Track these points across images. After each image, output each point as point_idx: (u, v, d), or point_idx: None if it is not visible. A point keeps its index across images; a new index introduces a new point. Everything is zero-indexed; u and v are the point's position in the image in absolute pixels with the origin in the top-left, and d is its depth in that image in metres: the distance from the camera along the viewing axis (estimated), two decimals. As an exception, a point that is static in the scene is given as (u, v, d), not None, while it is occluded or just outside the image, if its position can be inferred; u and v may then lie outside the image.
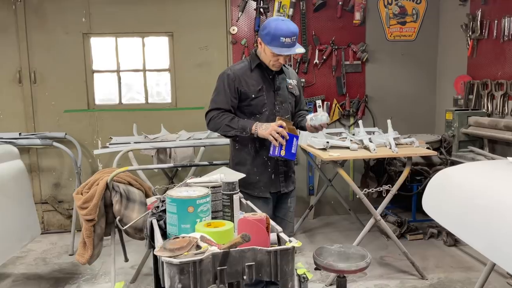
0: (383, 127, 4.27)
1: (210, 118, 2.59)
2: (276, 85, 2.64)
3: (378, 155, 3.29)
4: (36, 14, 4.44)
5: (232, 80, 2.59)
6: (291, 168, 2.77)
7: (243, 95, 2.59)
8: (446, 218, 2.36)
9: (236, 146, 2.69)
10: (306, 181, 4.98)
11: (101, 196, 2.97)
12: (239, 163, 2.68)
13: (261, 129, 2.49)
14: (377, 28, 4.87)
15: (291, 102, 2.72)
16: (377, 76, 4.94)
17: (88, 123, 4.63)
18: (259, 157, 2.63)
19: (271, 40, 2.47)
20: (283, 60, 2.54)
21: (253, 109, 2.60)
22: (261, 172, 2.65)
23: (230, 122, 2.53)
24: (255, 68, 2.62)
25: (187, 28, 4.62)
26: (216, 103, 2.59)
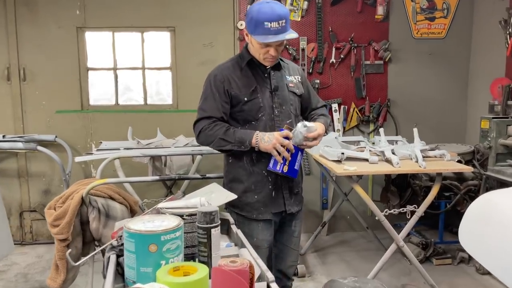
0: (407, 136, 3.75)
1: (200, 130, 2.15)
2: (273, 85, 2.19)
3: (402, 170, 2.79)
4: (27, 6, 4.08)
5: (220, 81, 2.15)
6: (298, 183, 2.31)
7: (234, 99, 2.14)
8: (489, 257, 1.87)
9: (229, 159, 2.24)
10: (319, 193, 4.49)
11: (76, 212, 2.55)
12: (234, 180, 2.23)
13: (263, 141, 2.05)
14: (402, 24, 4.36)
15: (293, 103, 2.26)
16: (401, 78, 4.42)
17: (81, 125, 4.25)
18: (256, 172, 2.18)
19: (254, 27, 2.03)
20: (275, 51, 2.08)
21: (247, 115, 2.16)
22: (260, 190, 2.19)
23: (225, 135, 2.09)
24: (246, 66, 2.18)
25: (190, 23, 4.20)
26: (205, 111, 2.16)
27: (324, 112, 2.39)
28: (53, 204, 2.65)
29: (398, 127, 4.45)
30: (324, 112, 2.39)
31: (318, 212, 4.52)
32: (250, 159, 2.17)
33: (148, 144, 3.51)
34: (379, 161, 2.95)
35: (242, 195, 2.20)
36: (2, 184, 4.24)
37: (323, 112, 2.39)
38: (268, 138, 2.05)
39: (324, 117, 2.34)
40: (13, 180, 4.25)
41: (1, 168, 4.22)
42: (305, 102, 2.37)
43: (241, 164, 2.19)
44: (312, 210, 4.53)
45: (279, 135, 2.04)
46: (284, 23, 2.02)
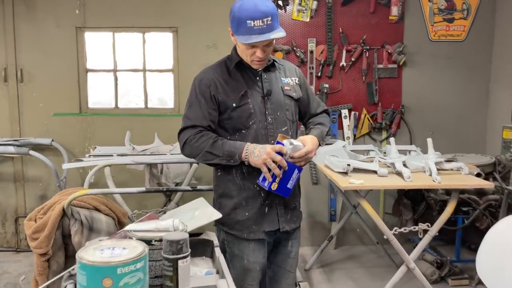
0: (422, 145, 3.48)
1: (185, 141, 1.92)
2: (265, 88, 1.96)
3: (413, 185, 2.53)
4: (25, 4, 3.94)
5: (206, 86, 1.93)
6: (294, 197, 2.07)
7: (222, 105, 1.92)
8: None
9: (218, 172, 2.02)
10: (327, 204, 4.24)
11: (56, 224, 2.36)
12: (223, 195, 2.01)
13: (253, 156, 1.82)
14: (418, 25, 4.09)
15: (289, 108, 2.02)
16: (416, 83, 4.14)
17: (79, 129, 4.09)
18: (247, 186, 1.95)
19: (237, 26, 1.80)
20: (262, 53, 1.84)
21: (236, 122, 1.93)
22: (251, 206, 1.96)
23: (212, 147, 1.86)
24: (235, 68, 1.96)
25: (193, 23, 4.01)
26: (190, 119, 1.93)
27: (322, 120, 2.14)
28: (33, 215, 2.47)
29: (413, 135, 4.17)
30: (322, 120, 2.14)
31: (326, 224, 4.27)
32: (240, 173, 1.94)
33: (144, 151, 3.32)
34: (389, 173, 2.70)
35: (231, 211, 1.98)
36: (-3, 189, 4.12)
37: (321, 120, 2.14)
38: (258, 152, 1.82)
39: (321, 126, 2.09)
40: (8, 184, 4.12)
41: (-3, 172, 4.10)
42: (304, 106, 2.14)
43: (231, 178, 1.97)
44: (319, 221, 4.28)
45: (271, 149, 1.81)
46: (270, 21, 1.78)
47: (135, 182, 3.92)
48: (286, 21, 4.00)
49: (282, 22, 3.99)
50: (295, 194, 2.07)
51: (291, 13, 3.99)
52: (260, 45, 1.83)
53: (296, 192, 2.09)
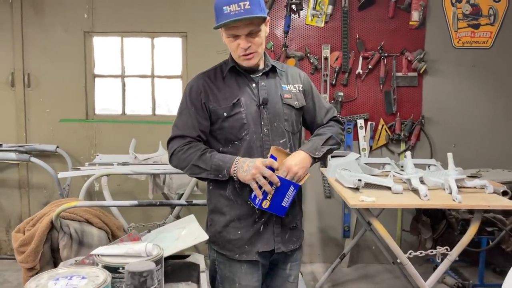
0: (442, 158, 3.21)
1: (173, 152, 1.77)
2: (261, 96, 1.78)
3: (430, 205, 2.30)
4: (33, 8, 3.88)
5: (197, 93, 1.77)
6: (294, 215, 1.87)
7: (213, 114, 1.76)
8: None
9: (210, 186, 1.85)
10: (340, 219, 4.01)
11: (43, 238, 2.23)
12: (215, 211, 1.84)
13: (242, 170, 1.65)
14: (441, 31, 3.85)
15: (288, 118, 1.83)
16: (438, 92, 3.89)
17: (85, 136, 3.99)
18: (240, 202, 1.77)
19: (216, 16, 1.67)
20: (245, 42, 1.67)
21: (228, 133, 1.76)
22: (244, 224, 1.78)
23: (200, 160, 1.71)
24: (229, 74, 1.79)
25: (203, 28, 3.87)
26: (179, 129, 1.78)
27: (322, 130, 1.92)
28: (22, 227, 2.34)
29: (433, 148, 3.91)
30: (322, 131, 1.91)
31: (339, 240, 4.04)
32: (232, 187, 1.77)
33: (146, 160, 3.18)
34: (404, 190, 2.48)
35: (223, 229, 1.80)
36: (2, 195, 4.06)
37: (321, 130, 1.92)
38: (247, 166, 1.64)
39: (317, 136, 1.88)
40: (13, 191, 4.04)
41: (3, 178, 4.02)
42: (310, 115, 1.94)
43: (223, 193, 1.79)
44: (332, 237, 4.05)
45: (260, 163, 1.62)
46: (249, 6, 1.62)
47: (141, 191, 3.80)
48: (300, 26, 3.82)
49: (295, 27, 3.81)
50: (294, 212, 1.88)
51: (305, 18, 3.81)
52: (242, 34, 1.67)
53: (296, 211, 1.90)
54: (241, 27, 1.65)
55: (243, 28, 1.65)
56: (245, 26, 1.65)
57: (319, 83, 3.84)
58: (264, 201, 1.62)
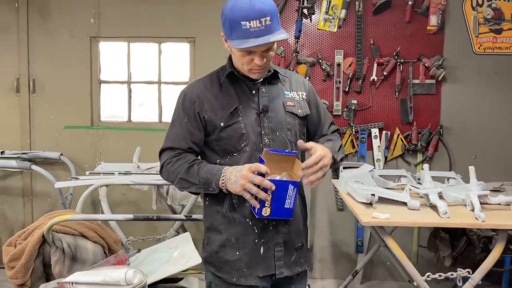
0: (462, 171, 3.01)
1: (162, 165, 1.65)
2: (261, 104, 1.64)
3: (450, 223, 2.11)
4: (39, 13, 3.81)
5: (190, 102, 1.63)
6: (299, 233, 1.71)
7: (209, 124, 1.62)
8: None
9: (206, 201, 1.71)
10: (353, 233, 3.82)
11: (34, 252, 2.11)
12: (211, 229, 1.69)
13: (230, 182, 1.50)
14: (461, 37, 3.65)
15: (291, 128, 1.68)
16: (457, 101, 3.69)
17: (90, 143, 3.89)
18: (238, 219, 1.62)
19: (230, 30, 1.51)
20: (261, 59, 1.54)
21: (226, 145, 1.62)
22: (242, 245, 1.63)
23: (187, 173, 1.57)
24: (226, 80, 1.65)
25: (212, 33, 3.73)
26: (170, 140, 1.66)
27: (332, 137, 1.79)
28: (14, 240, 2.24)
29: (452, 159, 3.70)
30: (333, 138, 1.79)
31: (352, 255, 3.85)
32: (230, 203, 1.62)
33: (149, 169, 3.05)
34: (421, 206, 2.29)
35: (220, 249, 1.64)
36: (6, 203, 3.98)
37: (331, 137, 1.79)
38: (235, 177, 1.48)
39: (331, 141, 1.74)
40: (17, 199, 3.96)
41: (6, 186, 3.94)
42: (313, 125, 1.80)
43: (219, 209, 1.64)
44: (345, 252, 3.86)
45: (247, 170, 1.46)
46: (269, 21, 1.48)
47: (146, 201, 3.67)
48: (312, 31, 3.67)
49: (307, 32, 3.67)
50: (298, 230, 1.71)
51: (317, 22, 3.65)
52: (259, 51, 1.53)
53: (300, 228, 1.73)
54: (260, 46, 1.51)
55: (261, 46, 1.51)
56: (264, 44, 1.51)
57: (331, 90, 3.68)
58: (264, 208, 1.47)
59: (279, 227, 1.64)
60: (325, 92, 3.68)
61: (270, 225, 1.63)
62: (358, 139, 3.69)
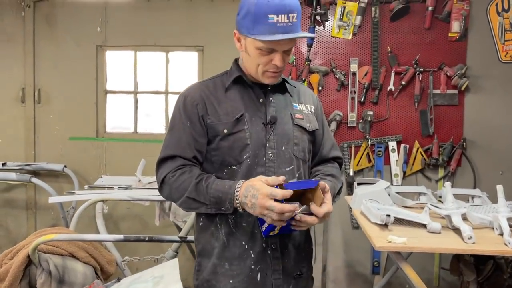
0: (488, 188, 2.77)
1: (163, 180, 1.46)
2: (269, 114, 1.47)
3: (476, 250, 1.87)
4: (46, 22, 3.75)
5: (192, 104, 1.47)
6: (300, 259, 1.54)
7: (210, 130, 1.46)
8: None
9: (200, 221, 1.54)
10: (369, 253, 3.59)
11: (19, 274, 1.97)
12: (203, 253, 1.52)
13: (248, 207, 1.33)
14: (485, 44, 3.42)
15: (299, 143, 1.51)
16: (482, 112, 3.44)
17: (95, 155, 3.77)
18: (233, 242, 1.46)
19: (253, 23, 1.36)
20: (281, 60, 1.40)
21: (226, 155, 1.45)
22: (237, 272, 1.45)
23: (196, 191, 1.38)
24: (233, 85, 1.49)
25: (220, 42, 3.61)
26: (170, 148, 1.47)
27: (335, 171, 1.61)
28: (0, 260, 2.09)
29: (477, 175, 3.44)
30: (335, 172, 1.61)
31: (367, 276, 3.61)
32: (225, 224, 1.45)
33: (151, 183, 2.90)
34: (443, 228, 2.06)
35: (212, 277, 1.47)
36: (9, 216, 3.89)
37: (334, 171, 1.61)
38: (251, 203, 1.30)
39: (334, 179, 1.57)
40: (21, 212, 3.87)
41: (10, 198, 3.86)
42: (317, 144, 1.63)
43: (214, 231, 1.47)
44: (360, 273, 3.62)
45: (264, 197, 1.27)
46: (296, 19, 1.37)
47: (151, 215, 3.49)
48: (325, 38, 3.49)
49: (320, 40, 3.49)
50: (299, 257, 1.53)
51: (331, 29, 3.47)
52: (281, 50, 1.39)
53: (302, 255, 1.54)
54: (284, 43, 1.38)
55: (285, 44, 1.39)
56: (287, 43, 1.39)
57: (346, 101, 3.48)
58: (272, 231, 1.35)
59: (278, 251, 1.47)
60: (339, 102, 3.49)
61: (268, 248, 1.45)
62: (374, 152, 3.47)
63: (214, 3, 3.61)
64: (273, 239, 1.45)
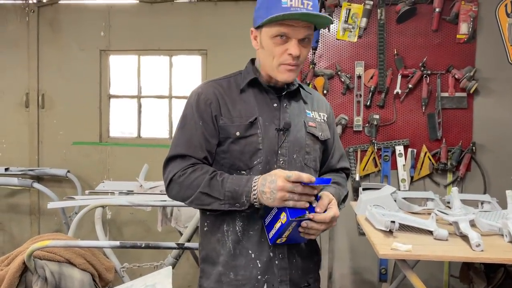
0: (498, 194, 2.69)
1: (171, 178, 1.38)
2: (283, 119, 1.42)
3: (484, 258, 1.79)
4: (50, 27, 3.76)
5: (206, 103, 1.40)
6: (306, 271, 1.47)
7: (222, 132, 1.39)
8: None
9: (204, 227, 1.47)
10: (376, 260, 3.50)
11: (15, 281, 1.93)
12: (207, 260, 1.45)
13: (266, 196, 1.27)
14: (494, 45, 3.33)
15: (310, 151, 1.46)
16: (492, 115, 3.35)
17: (98, 160, 3.76)
18: (240, 250, 1.39)
19: (266, 10, 1.33)
20: (296, 48, 1.34)
21: (236, 159, 1.39)
22: (243, 281, 1.39)
23: (209, 186, 1.32)
24: (247, 87, 1.43)
25: (224, 46, 3.58)
26: (180, 147, 1.40)
27: (341, 180, 1.57)
28: (-4, 266, 2.06)
29: (487, 180, 3.35)
30: (341, 181, 1.56)
31: (375, 284, 3.52)
32: (233, 231, 1.39)
33: (153, 188, 2.86)
34: (450, 235, 1.99)
35: (216, 285, 1.41)
36: (12, 221, 3.88)
37: (340, 179, 1.56)
38: (269, 189, 1.25)
39: (339, 186, 1.52)
40: (24, 217, 3.86)
41: (14, 204, 3.86)
42: (326, 153, 1.57)
43: (220, 237, 1.41)
44: (367, 280, 3.54)
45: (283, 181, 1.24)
46: (311, 7, 1.33)
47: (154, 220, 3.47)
48: (330, 41, 3.44)
49: (324, 43, 3.44)
50: (306, 266, 1.47)
51: (336, 32, 3.42)
52: (295, 37, 1.33)
53: (309, 265, 1.48)
54: (298, 28, 1.33)
55: (300, 30, 1.33)
56: (303, 28, 1.34)
57: (351, 104, 3.41)
58: (279, 239, 1.30)
59: (286, 261, 1.41)
60: (344, 106, 3.43)
61: (276, 258, 1.39)
62: (381, 157, 3.40)
63: (218, 6, 3.58)
64: (280, 249, 1.39)
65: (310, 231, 1.29)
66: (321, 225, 1.28)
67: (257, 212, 1.31)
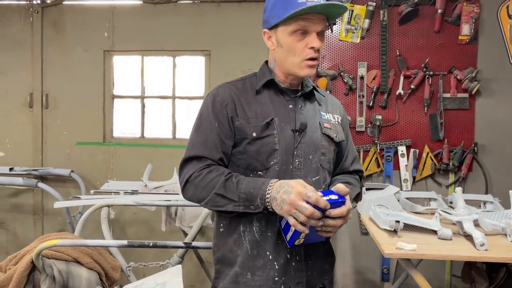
0: (501, 194, 2.71)
1: (187, 180, 1.39)
2: (299, 120, 1.44)
3: (489, 257, 1.82)
4: (54, 28, 3.76)
5: (222, 104, 1.42)
6: (322, 272, 1.49)
7: (238, 133, 1.41)
8: None
9: (220, 227, 1.48)
10: (379, 259, 3.53)
11: (23, 280, 1.95)
12: (223, 261, 1.47)
13: (276, 202, 1.26)
14: (496, 47, 3.36)
15: (326, 153, 1.48)
16: (493, 116, 3.38)
17: (101, 160, 3.77)
18: (258, 252, 1.41)
19: (283, 8, 1.35)
20: (317, 41, 1.37)
21: (252, 160, 1.40)
22: (260, 282, 1.40)
23: (224, 188, 1.33)
24: (263, 88, 1.46)
25: (228, 46, 3.60)
26: (196, 148, 1.42)
27: (353, 180, 1.58)
28: (4, 265, 2.09)
29: (489, 180, 3.37)
30: (353, 181, 1.57)
31: (377, 283, 3.54)
32: (250, 232, 1.40)
33: (158, 188, 2.88)
34: (454, 235, 2.01)
35: (232, 286, 1.42)
36: (16, 221, 3.89)
37: (352, 180, 1.58)
38: (281, 199, 1.24)
39: (351, 186, 1.52)
40: (28, 217, 3.86)
41: (17, 203, 3.86)
42: (339, 155, 1.59)
43: (237, 238, 1.42)
44: (369, 280, 3.56)
45: (297, 196, 1.21)
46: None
47: (158, 220, 3.47)
48: (333, 42, 3.46)
49: (327, 43, 3.46)
50: (322, 269, 1.48)
51: (339, 33, 3.44)
52: (314, 30, 1.36)
53: (325, 267, 1.50)
54: (316, 22, 1.36)
55: (317, 23, 1.36)
56: (320, 21, 1.37)
57: (354, 105, 3.44)
58: (297, 240, 1.29)
59: (303, 263, 1.42)
60: (347, 107, 3.45)
61: (292, 260, 1.41)
62: (383, 157, 3.42)
63: (221, 7, 3.60)
64: (297, 250, 1.40)
65: (327, 228, 1.28)
66: (337, 220, 1.27)
67: (274, 213, 1.30)
